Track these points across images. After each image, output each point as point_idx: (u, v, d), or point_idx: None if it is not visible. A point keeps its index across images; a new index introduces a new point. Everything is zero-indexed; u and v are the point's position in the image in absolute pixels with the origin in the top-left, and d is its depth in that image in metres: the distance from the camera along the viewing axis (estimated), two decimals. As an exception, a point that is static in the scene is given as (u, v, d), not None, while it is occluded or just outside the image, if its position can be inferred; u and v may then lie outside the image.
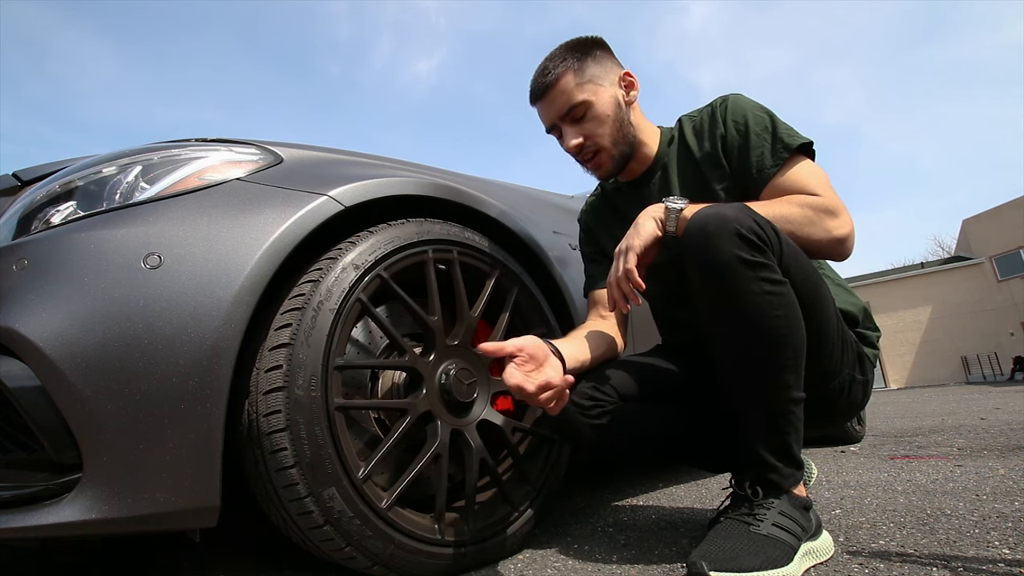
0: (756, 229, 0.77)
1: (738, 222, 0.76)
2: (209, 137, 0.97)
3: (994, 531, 0.90)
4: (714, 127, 0.99)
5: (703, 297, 0.81)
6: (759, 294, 0.76)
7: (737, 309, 0.77)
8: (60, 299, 0.70)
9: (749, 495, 0.80)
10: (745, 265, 0.75)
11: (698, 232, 0.78)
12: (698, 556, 0.71)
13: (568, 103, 0.98)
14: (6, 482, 0.70)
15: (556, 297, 1.22)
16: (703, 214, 0.80)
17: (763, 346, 0.77)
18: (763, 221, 0.79)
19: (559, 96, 0.99)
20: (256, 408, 0.80)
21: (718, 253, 0.76)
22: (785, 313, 0.77)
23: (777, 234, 0.80)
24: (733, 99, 0.99)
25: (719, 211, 0.78)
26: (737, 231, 0.75)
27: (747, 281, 0.75)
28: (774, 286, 0.77)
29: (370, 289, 0.92)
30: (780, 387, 0.78)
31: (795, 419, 0.80)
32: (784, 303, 0.77)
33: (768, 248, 0.78)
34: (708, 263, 0.77)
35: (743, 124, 0.95)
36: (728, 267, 0.75)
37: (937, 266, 22.22)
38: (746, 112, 0.96)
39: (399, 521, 0.86)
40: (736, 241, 0.75)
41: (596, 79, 0.99)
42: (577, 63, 0.99)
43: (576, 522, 1.25)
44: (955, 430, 2.69)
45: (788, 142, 0.92)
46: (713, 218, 0.78)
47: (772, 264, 0.77)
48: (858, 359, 0.95)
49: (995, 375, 18.70)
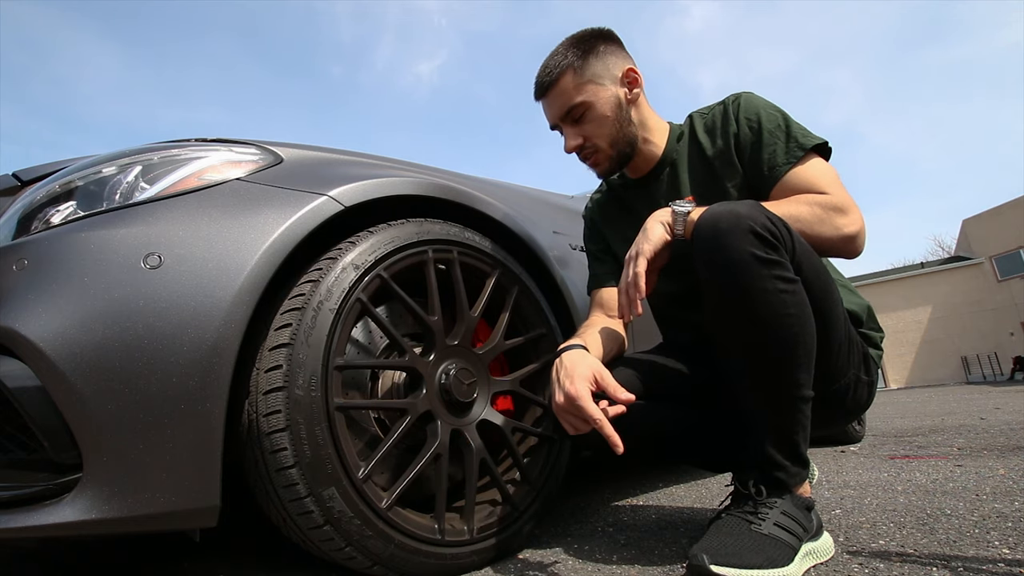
0: (770, 226, 0.76)
1: (752, 219, 0.75)
2: (209, 137, 0.97)
3: (994, 531, 0.90)
4: (727, 124, 0.98)
5: (713, 294, 0.79)
6: (772, 292, 0.75)
7: (749, 307, 0.76)
8: (60, 299, 0.70)
9: (752, 493, 0.80)
10: (759, 262, 0.74)
11: (710, 229, 0.77)
12: (699, 549, 0.71)
13: (567, 104, 0.99)
14: (6, 482, 0.70)
15: (556, 297, 1.22)
16: (715, 211, 0.78)
17: (774, 344, 0.76)
18: (776, 219, 0.78)
19: (559, 97, 0.99)
20: (256, 408, 0.80)
21: (731, 250, 0.75)
22: (797, 312, 0.76)
23: (790, 232, 0.79)
24: (746, 97, 0.98)
25: (732, 208, 0.77)
26: (751, 228, 0.74)
27: (760, 279, 0.74)
28: (787, 284, 0.76)
29: (370, 289, 0.92)
30: (789, 386, 0.78)
31: (803, 418, 0.80)
32: (796, 301, 0.76)
33: (782, 246, 0.77)
34: (720, 260, 0.76)
35: (756, 122, 0.95)
36: (741, 264, 0.74)
37: (937, 266, 22.23)
38: (759, 110, 0.96)
39: (399, 521, 0.85)
40: (750, 238, 0.74)
41: (597, 78, 0.99)
42: (579, 60, 0.98)
43: (576, 522, 1.25)
44: (955, 430, 2.69)
45: (802, 141, 0.92)
46: (726, 215, 0.77)
47: (785, 262, 0.77)
48: (863, 360, 0.95)
49: (995, 375, 18.71)
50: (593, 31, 1.02)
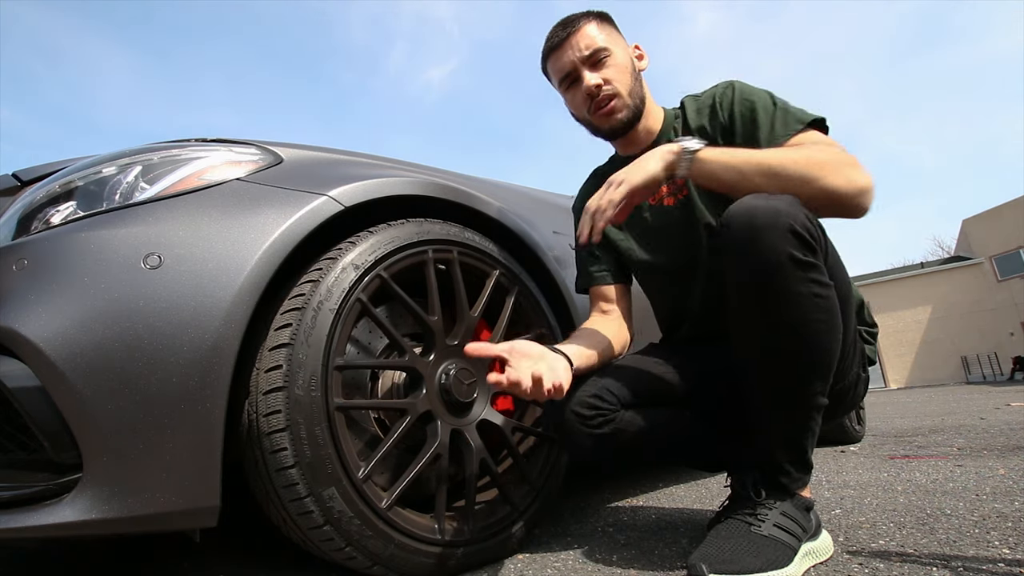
0: (809, 226, 0.72)
1: (792, 217, 0.70)
2: (209, 137, 0.97)
3: (994, 531, 0.90)
4: (721, 108, 0.98)
5: (741, 293, 0.76)
6: (807, 296, 0.71)
7: (783, 311, 0.72)
8: (60, 299, 0.70)
9: (752, 495, 0.79)
10: (796, 265, 0.70)
11: (745, 224, 0.72)
12: (698, 558, 0.71)
13: (592, 45, 0.98)
14: (6, 482, 0.70)
15: (556, 297, 1.22)
16: (751, 204, 0.73)
17: (801, 350, 0.74)
18: (813, 218, 0.74)
19: (583, 38, 0.99)
20: (256, 408, 0.80)
21: (768, 250, 0.70)
22: (827, 319, 0.74)
23: (824, 233, 0.76)
24: (739, 83, 0.99)
25: (770, 203, 0.72)
26: (791, 227, 0.70)
27: (797, 282, 0.71)
28: (822, 288, 0.73)
29: (370, 289, 0.92)
30: (808, 393, 0.76)
31: (815, 424, 0.79)
32: (828, 307, 0.73)
33: (819, 247, 0.73)
34: (754, 258, 0.71)
35: (750, 104, 0.94)
36: (778, 265, 0.70)
37: (937, 266, 22.24)
38: (753, 93, 0.95)
39: (399, 521, 0.86)
40: (789, 238, 0.70)
41: (616, 35, 1.03)
42: (598, 19, 1.02)
43: (576, 522, 1.25)
44: (955, 430, 2.69)
45: (800, 116, 0.90)
46: (763, 210, 0.71)
47: (821, 265, 0.73)
48: (861, 356, 0.95)
49: (995, 375, 18.71)
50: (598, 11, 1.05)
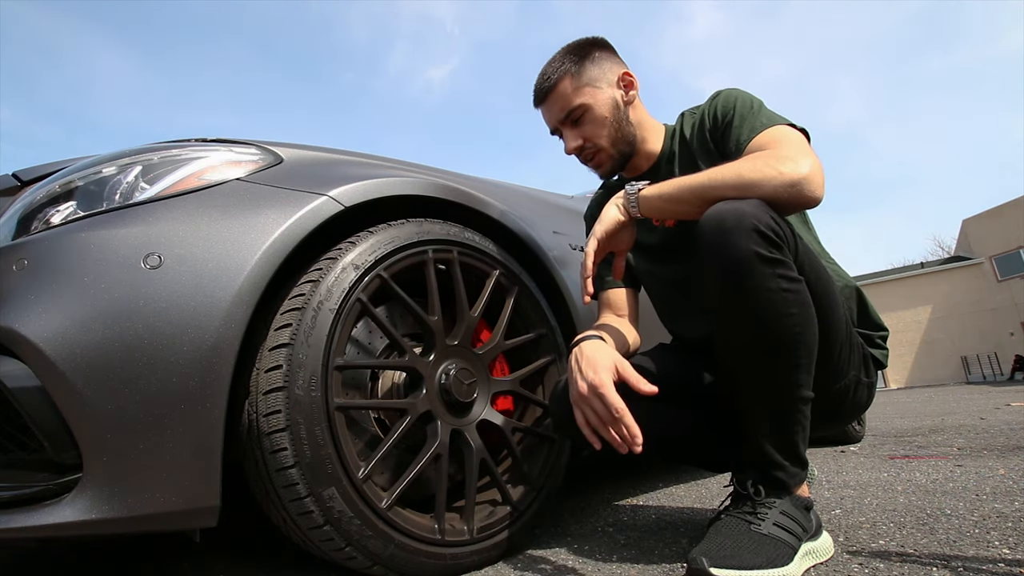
0: (773, 225, 0.75)
1: (756, 217, 0.75)
2: (209, 137, 0.97)
3: (994, 531, 0.90)
4: (707, 118, 1.00)
5: (716, 293, 0.79)
6: (775, 291, 0.75)
7: (752, 305, 0.75)
8: (60, 299, 0.70)
9: (751, 494, 0.80)
10: (762, 261, 0.74)
11: (714, 227, 0.77)
12: (699, 552, 0.71)
13: (566, 107, 1.01)
14: (6, 482, 0.70)
15: (556, 297, 1.22)
16: (720, 209, 0.78)
17: (776, 344, 0.76)
18: (779, 218, 0.78)
19: (557, 100, 1.01)
20: (256, 408, 0.80)
21: (735, 249, 0.74)
22: (799, 311, 0.76)
23: (792, 232, 0.79)
24: (727, 90, 1.00)
25: (736, 206, 0.77)
26: (755, 226, 0.74)
27: (764, 278, 0.74)
28: (790, 283, 0.76)
29: (370, 289, 0.92)
30: (790, 386, 0.78)
31: (803, 418, 0.80)
32: (799, 301, 0.76)
33: (785, 245, 0.77)
34: (724, 258, 0.76)
35: (732, 108, 0.95)
36: (745, 263, 0.74)
37: (937, 266, 22.23)
38: (736, 98, 0.96)
39: (399, 521, 0.86)
40: (754, 236, 0.74)
41: (593, 82, 1.01)
42: (575, 67, 1.01)
43: (576, 522, 1.25)
44: (955, 430, 2.69)
45: (771, 120, 0.90)
46: (730, 213, 0.76)
47: (788, 261, 0.77)
48: (863, 361, 0.95)
49: (995, 375, 18.70)
50: (587, 39, 1.05)
